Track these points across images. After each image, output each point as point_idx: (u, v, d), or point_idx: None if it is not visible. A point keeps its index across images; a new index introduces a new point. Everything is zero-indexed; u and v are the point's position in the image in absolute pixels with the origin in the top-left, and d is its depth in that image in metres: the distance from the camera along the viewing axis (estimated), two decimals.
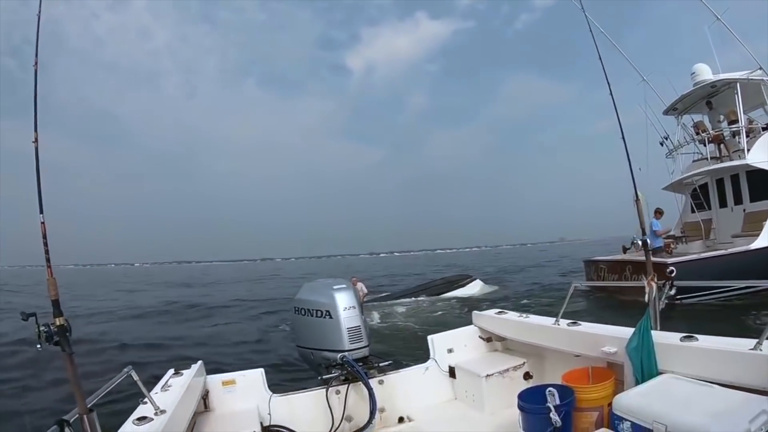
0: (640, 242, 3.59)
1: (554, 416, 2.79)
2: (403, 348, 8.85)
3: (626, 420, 2.54)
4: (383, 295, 22.18)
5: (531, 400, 3.05)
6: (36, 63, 2.09)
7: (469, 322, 4.97)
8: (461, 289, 21.59)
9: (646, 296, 3.34)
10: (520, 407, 3.04)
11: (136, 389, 2.88)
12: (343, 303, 4.08)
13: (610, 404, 2.74)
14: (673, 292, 3.29)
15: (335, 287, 4.20)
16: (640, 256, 15.54)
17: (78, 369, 2.01)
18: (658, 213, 15.90)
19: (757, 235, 13.80)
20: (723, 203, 16.95)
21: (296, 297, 4.41)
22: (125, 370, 2.77)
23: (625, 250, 16.40)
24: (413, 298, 20.50)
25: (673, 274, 10.75)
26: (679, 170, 18.40)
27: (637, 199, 3.67)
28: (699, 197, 17.46)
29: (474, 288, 22.07)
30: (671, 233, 17.58)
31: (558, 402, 3.00)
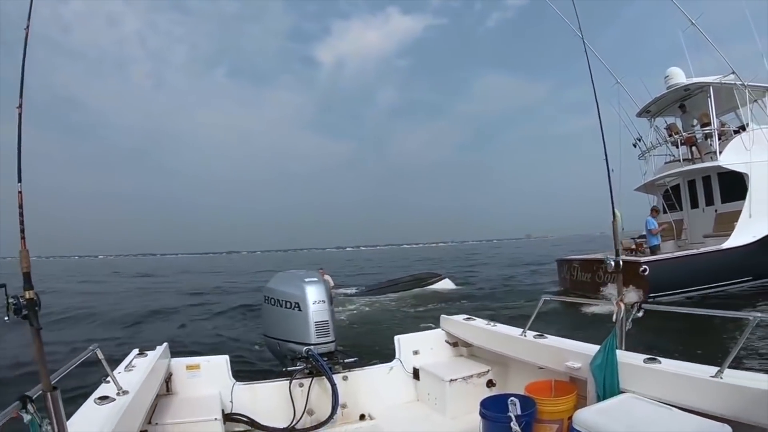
0: (612, 263, 3.60)
1: (515, 426, 2.81)
2: (368, 346, 8.86)
3: None
4: (351, 291, 22.06)
5: (493, 408, 3.07)
6: (27, 27, 2.05)
7: (436, 323, 4.99)
8: (430, 287, 21.50)
9: (614, 316, 3.36)
10: (481, 414, 3.05)
11: (100, 367, 2.84)
12: (313, 296, 4.08)
13: (570, 418, 2.76)
14: (640, 314, 3.32)
15: (307, 280, 4.18)
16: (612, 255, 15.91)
17: (44, 346, 1.97)
18: (655, 211, 16.47)
19: (728, 235, 14.18)
20: (694, 204, 17.30)
21: (267, 286, 4.38)
22: (90, 347, 2.73)
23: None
24: (381, 296, 20.31)
25: (645, 273, 10.99)
26: (651, 171, 18.72)
27: (614, 219, 3.69)
28: (671, 198, 17.82)
29: (443, 286, 21.99)
30: (643, 234, 17.96)
31: (519, 412, 3.02)
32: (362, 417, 4.15)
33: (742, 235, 14.03)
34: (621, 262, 3.49)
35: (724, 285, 13.74)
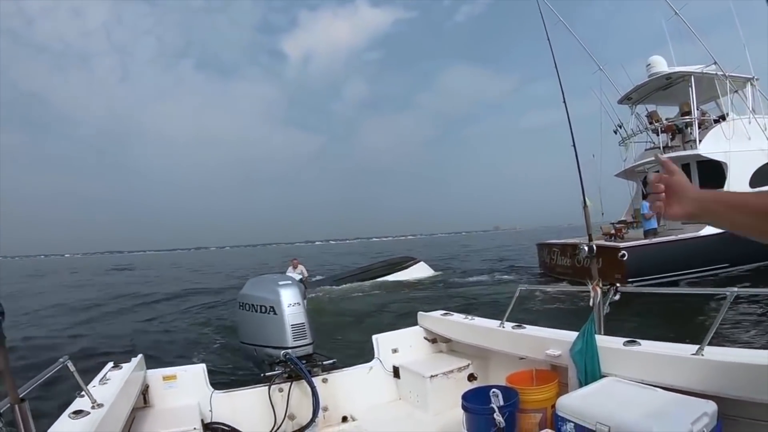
0: (586, 248, 3.61)
1: (498, 417, 2.79)
2: (345, 344, 8.83)
3: (569, 421, 2.55)
4: (324, 278, 21.91)
5: (475, 401, 3.04)
6: None
7: (413, 312, 4.97)
8: (404, 271, 21.47)
9: (591, 301, 3.37)
10: (464, 407, 3.02)
11: (73, 382, 2.75)
12: (288, 299, 4.02)
13: (553, 406, 2.75)
14: (617, 297, 3.33)
15: (280, 283, 4.13)
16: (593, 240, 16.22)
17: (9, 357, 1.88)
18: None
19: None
20: None
21: (241, 292, 4.32)
22: (61, 360, 2.64)
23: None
24: (356, 283, 20.18)
25: (624, 258, 11.29)
26: (631, 158, 19.23)
27: (585, 206, 3.70)
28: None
29: (418, 271, 22.01)
30: (623, 219, 18.45)
31: (502, 403, 3.00)
32: (344, 419, 4.10)
33: None
34: (595, 248, 3.51)
35: (702, 271, 14.08)
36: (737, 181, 15.25)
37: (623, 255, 13.79)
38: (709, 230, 14.03)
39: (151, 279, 33.91)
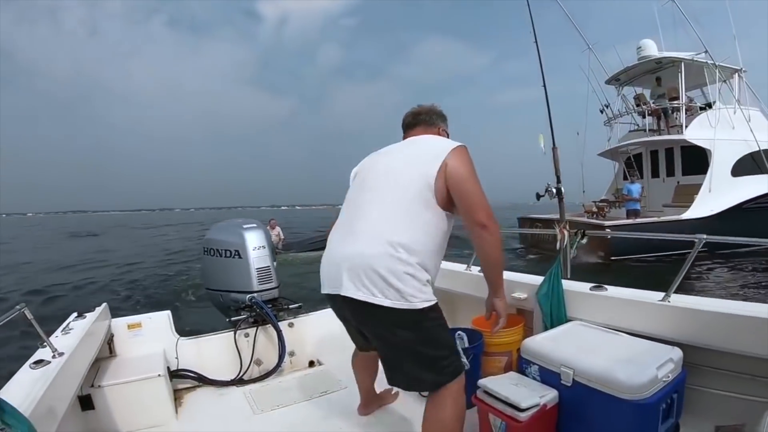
0: (554, 189, 3.58)
1: (463, 359, 2.78)
2: (312, 289, 8.83)
3: (534, 364, 2.56)
4: (299, 240, 21.86)
5: None
6: None
7: None
8: None
9: (558, 243, 3.36)
10: None
11: (33, 335, 2.67)
12: (253, 243, 3.95)
13: (518, 350, 2.75)
14: (584, 241, 3.32)
15: (245, 226, 4.05)
16: (576, 217, 16.62)
17: None
18: (634, 177, 17.31)
19: (687, 206, 15.01)
20: (655, 174, 18.16)
21: (206, 237, 4.23)
22: (17, 307, 2.54)
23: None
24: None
25: (608, 237, 11.42)
26: (615, 138, 19.44)
27: (554, 147, 3.65)
28: (632, 166, 18.49)
29: None
30: (605, 198, 18.89)
31: (467, 345, 3.01)
32: (311, 363, 4.10)
33: (701, 208, 14.83)
34: (563, 190, 3.48)
35: (681, 253, 14.26)
36: (720, 169, 15.58)
37: (607, 234, 13.93)
38: (691, 214, 14.67)
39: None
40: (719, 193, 15.21)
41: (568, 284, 3.09)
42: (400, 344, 2.14)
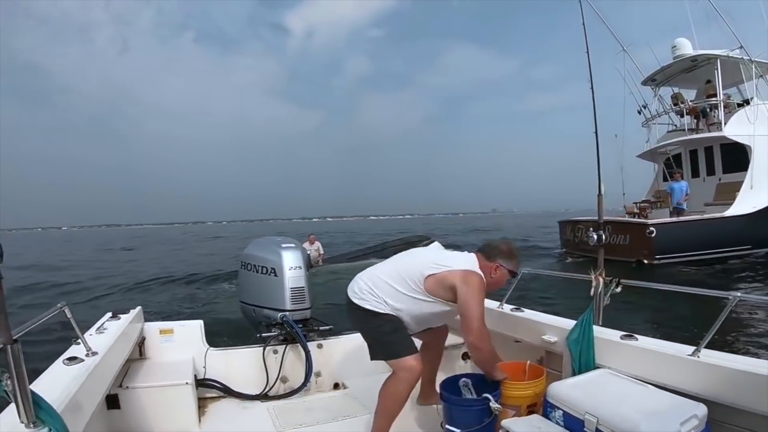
0: (595, 236, 3.56)
1: (492, 404, 2.78)
2: (345, 314, 8.85)
3: (559, 409, 2.55)
4: (338, 254, 21.79)
5: (453, 390, 3.07)
6: None
7: None
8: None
9: (592, 290, 3.34)
10: (443, 398, 2.98)
11: (70, 332, 2.75)
12: (290, 262, 4.02)
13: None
14: (619, 289, 3.29)
15: (284, 245, 4.13)
16: (620, 216, 16.79)
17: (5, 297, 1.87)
18: (679, 175, 16.80)
19: (728, 204, 14.87)
20: (695, 174, 17.93)
21: (244, 252, 4.33)
22: (58, 305, 2.64)
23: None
24: (370, 260, 19.94)
25: (652, 235, 11.55)
26: (654, 139, 19.28)
27: (600, 194, 3.63)
28: (672, 166, 18.13)
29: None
30: (647, 199, 18.75)
31: (473, 392, 3.04)
32: (336, 386, 4.12)
33: (743, 205, 14.69)
34: (603, 237, 3.46)
35: (725, 252, 14.43)
36: (761, 165, 15.37)
37: (651, 231, 14.02)
38: (734, 211, 14.56)
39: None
40: (761, 189, 15.02)
41: (599, 330, 3.08)
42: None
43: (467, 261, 3.07)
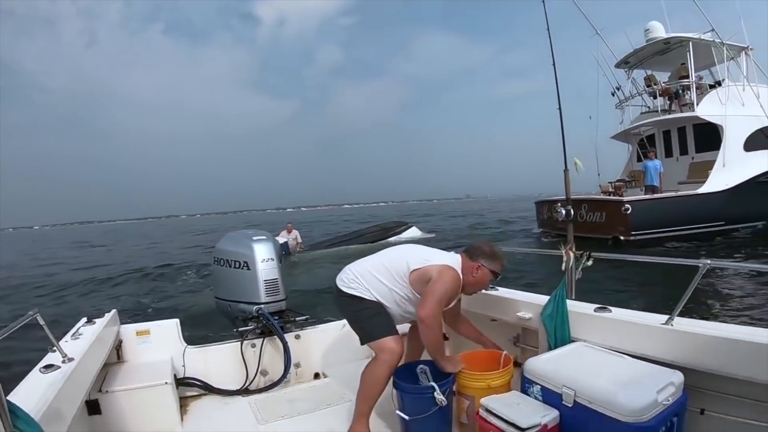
0: (563, 211, 3.61)
1: (438, 395, 2.79)
2: (322, 304, 8.84)
3: (536, 383, 2.59)
4: (316, 242, 21.74)
5: (408, 378, 3.06)
6: None
7: None
8: (398, 236, 21.37)
9: (563, 265, 3.38)
10: (395, 385, 2.97)
11: (46, 341, 2.71)
12: (262, 255, 3.99)
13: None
14: (590, 263, 3.34)
15: (255, 238, 4.09)
16: (596, 195, 17.20)
17: None
18: (653, 153, 17.18)
19: (701, 182, 15.37)
20: (668, 153, 18.43)
21: (216, 247, 4.28)
22: (30, 313, 2.59)
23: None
24: (349, 246, 19.93)
25: (628, 212, 11.96)
26: (628, 120, 19.68)
27: (565, 169, 3.67)
28: (645, 147, 18.58)
29: (411, 234, 21.99)
30: (621, 178, 19.18)
31: (430, 380, 3.01)
32: (316, 375, 4.13)
33: (716, 183, 15.19)
34: (572, 211, 3.50)
35: (698, 228, 14.91)
36: (732, 144, 15.92)
37: (627, 209, 14.46)
38: (707, 188, 15.07)
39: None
40: (733, 167, 15.51)
41: (572, 305, 3.12)
42: None
43: (450, 258, 3.13)
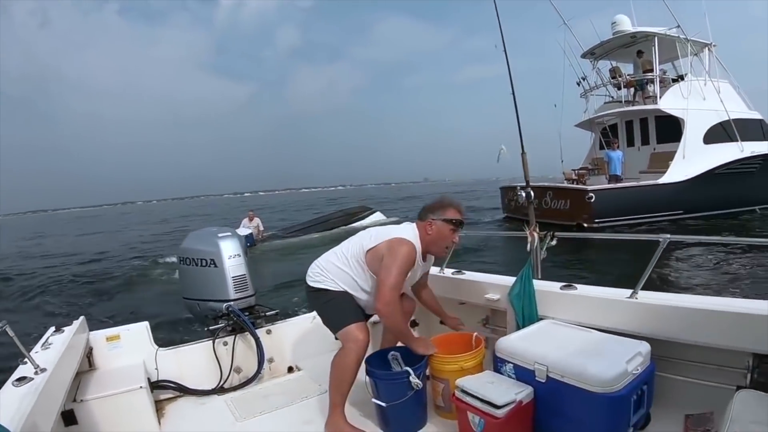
0: (523, 194, 3.69)
1: (414, 379, 2.82)
2: (288, 296, 8.79)
3: (509, 362, 2.65)
4: (277, 230, 21.49)
5: (381, 365, 3.10)
6: None
7: None
8: (361, 221, 21.03)
9: (528, 245, 3.46)
10: (369, 372, 2.99)
11: (14, 351, 2.66)
12: (228, 251, 3.96)
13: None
14: (554, 242, 3.42)
15: (220, 235, 4.06)
16: (560, 183, 17.82)
17: None
18: (615, 144, 17.84)
19: (662, 172, 15.98)
20: (630, 143, 18.99)
21: (181, 246, 4.23)
22: None
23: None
24: (313, 235, 19.83)
25: (591, 200, 12.38)
26: (592, 110, 20.18)
27: (523, 152, 3.75)
28: (608, 135, 19.08)
29: (375, 219, 21.92)
30: (585, 166, 19.73)
31: (402, 365, 3.07)
32: (290, 369, 4.13)
33: (676, 173, 15.85)
34: (532, 193, 3.58)
35: (659, 216, 15.51)
36: (692, 137, 16.55)
37: (590, 197, 14.98)
38: (667, 179, 15.67)
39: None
40: (692, 159, 16.14)
41: (539, 284, 3.20)
42: None
43: (403, 230, 3.08)
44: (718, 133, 16.81)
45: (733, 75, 18.69)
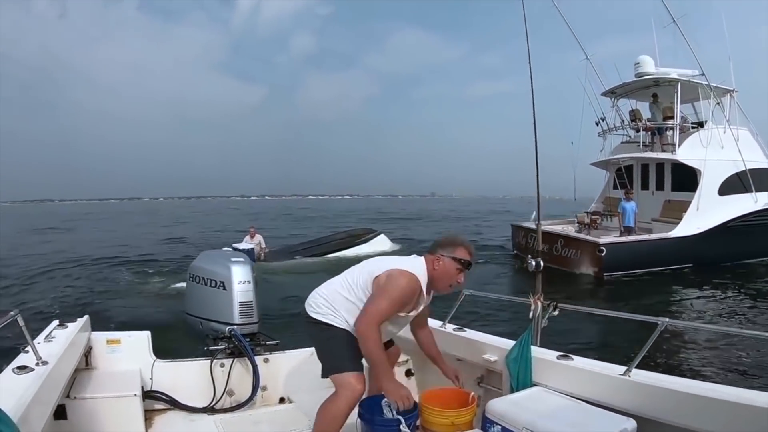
0: (533, 263, 3.75)
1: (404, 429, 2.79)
2: (291, 321, 8.78)
3: (497, 424, 2.69)
4: (279, 248, 21.06)
5: (374, 411, 3.01)
6: None
7: None
8: (365, 245, 20.84)
9: (531, 313, 3.51)
10: (360, 416, 2.99)
11: (13, 333, 2.73)
12: (239, 276, 4.05)
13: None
14: (556, 312, 3.47)
15: (233, 259, 4.16)
16: (572, 233, 17.39)
17: None
18: (629, 194, 17.20)
19: (675, 221, 15.83)
20: (645, 187, 18.70)
21: (193, 264, 4.34)
22: (12, 313, 2.62)
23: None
24: (314, 258, 19.50)
25: (602, 254, 12.33)
26: (608, 149, 19.93)
27: (538, 223, 3.83)
28: (623, 177, 18.86)
29: (379, 244, 21.46)
30: (596, 209, 19.43)
31: (394, 413, 2.90)
32: (282, 400, 4.16)
33: (688, 226, 15.64)
34: (542, 263, 3.65)
35: (669, 268, 15.50)
36: (708, 189, 16.27)
37: (602, 250, 14.81)
38: (679, 232, 15.49)
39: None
40: (706, 212, 15.93)
41: (536, 351, 3.24)
42: None
43: (410, 262, 3.07)
44: (734, 184, 16.62)
45: (753, 121, 18.52)
